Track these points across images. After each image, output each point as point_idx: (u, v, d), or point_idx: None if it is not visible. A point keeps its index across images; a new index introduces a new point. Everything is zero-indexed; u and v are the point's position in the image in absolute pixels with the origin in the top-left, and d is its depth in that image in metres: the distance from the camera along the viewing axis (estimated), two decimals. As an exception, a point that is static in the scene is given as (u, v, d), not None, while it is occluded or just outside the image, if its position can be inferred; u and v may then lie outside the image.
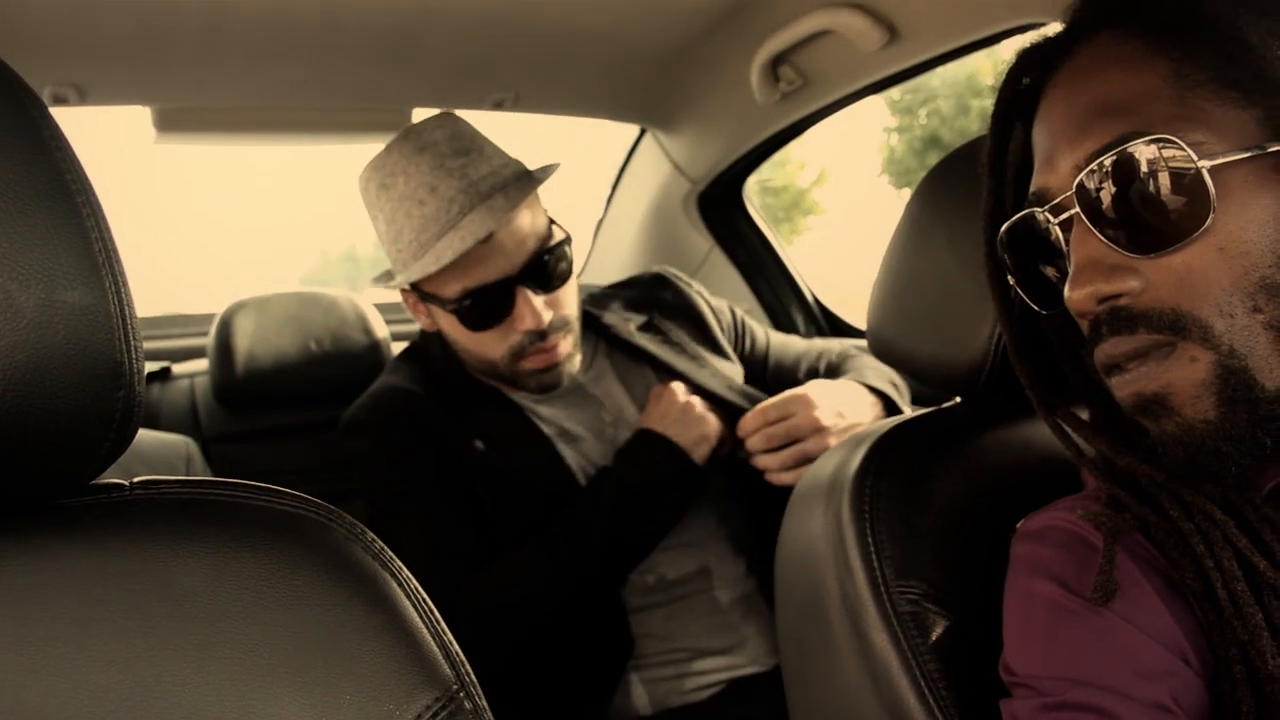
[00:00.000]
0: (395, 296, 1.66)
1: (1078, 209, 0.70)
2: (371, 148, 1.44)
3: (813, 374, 1.70)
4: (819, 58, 1.81)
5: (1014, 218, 0.78)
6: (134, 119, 2.03)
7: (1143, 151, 0.66)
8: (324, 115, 2.18)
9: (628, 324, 1.65)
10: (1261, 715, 0.66)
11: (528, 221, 1.41)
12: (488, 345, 1.46)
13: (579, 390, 1.60)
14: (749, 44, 1.86)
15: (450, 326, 1.48)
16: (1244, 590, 0.67)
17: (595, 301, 1.69)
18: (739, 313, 1.78)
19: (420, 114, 2.23)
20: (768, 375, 1.72)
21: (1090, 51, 0.73)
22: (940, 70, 1.84)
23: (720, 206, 2.52)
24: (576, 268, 1.53)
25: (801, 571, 0.98)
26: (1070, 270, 0.71)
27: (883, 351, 1.08)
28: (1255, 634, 0.66)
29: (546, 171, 1.46)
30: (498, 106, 2.22)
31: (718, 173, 2.38)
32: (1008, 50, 0.84)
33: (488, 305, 1.41)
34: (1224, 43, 0.67)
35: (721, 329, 1.72)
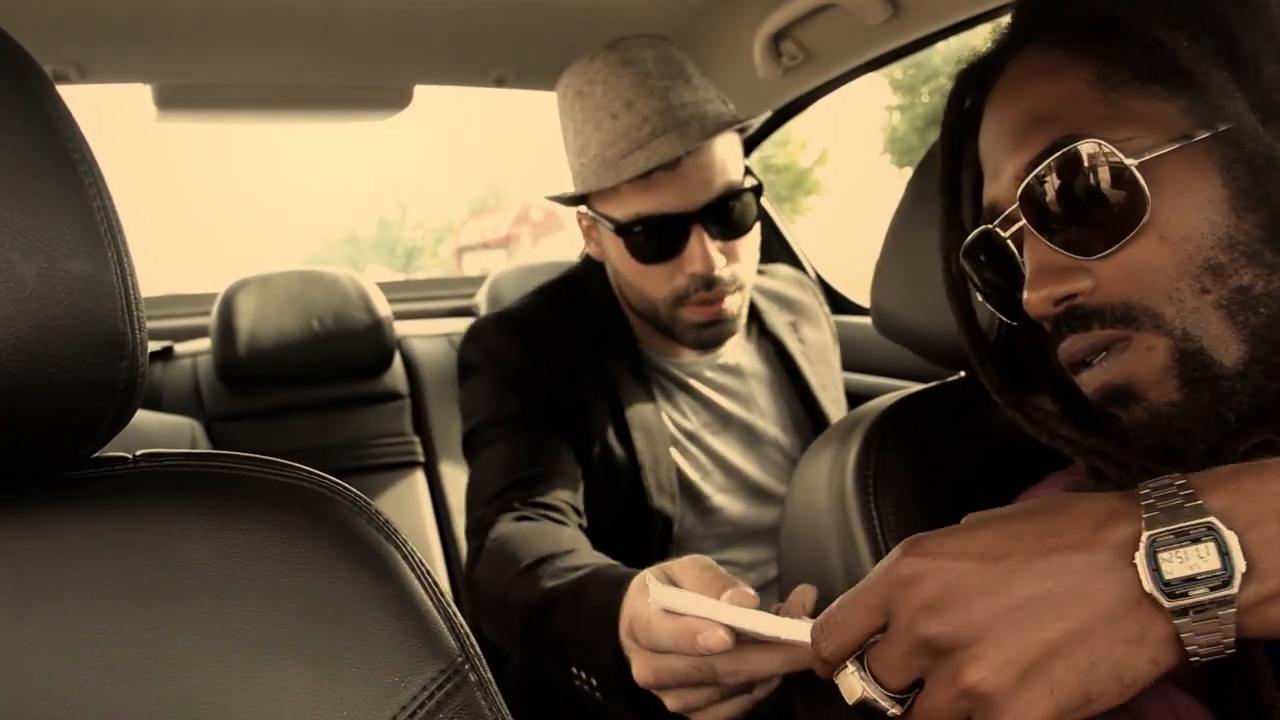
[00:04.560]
0: (398, 275, 1.65)
1: (1024, 220, 0.73)
2: (376, 125, 1.44)
3: None
4: (821, 32, 1.80)
5: (971, 234, 0.81)
6: (136, 98, 2.03)
7: (1074, 155, 0.69)
8: (325, 93, 2.17)
9: (778, 320, 1.59)
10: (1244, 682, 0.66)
11: (719, 159, 1.33)
12: (651, 283, 1.37)
13: (737, 370, 1.53)
14: (751, 18, 1.85)
15: (617, 254, 1.40)
16: None
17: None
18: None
19: (421, 91, 2.22)
20: None
21: (1018, 66, 0.77)
22: (942, 47, 1.83)
23: (723, 184, 2.50)
24: (577, 247, 1.49)
25: (805, 546, 0.98)
26: (1026, 276, 0.73)
27: (886, 327, 1.08)
28: None
29: (754, 119, 1.42)
30: (499, 83, 2.22)
31: (720, 150, 2.36)
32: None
33: (659, 237, 1.33)
34: (1136, 42, 0.69)
35: (834, 371, 1.68)
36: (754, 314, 1.59)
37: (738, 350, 1.55)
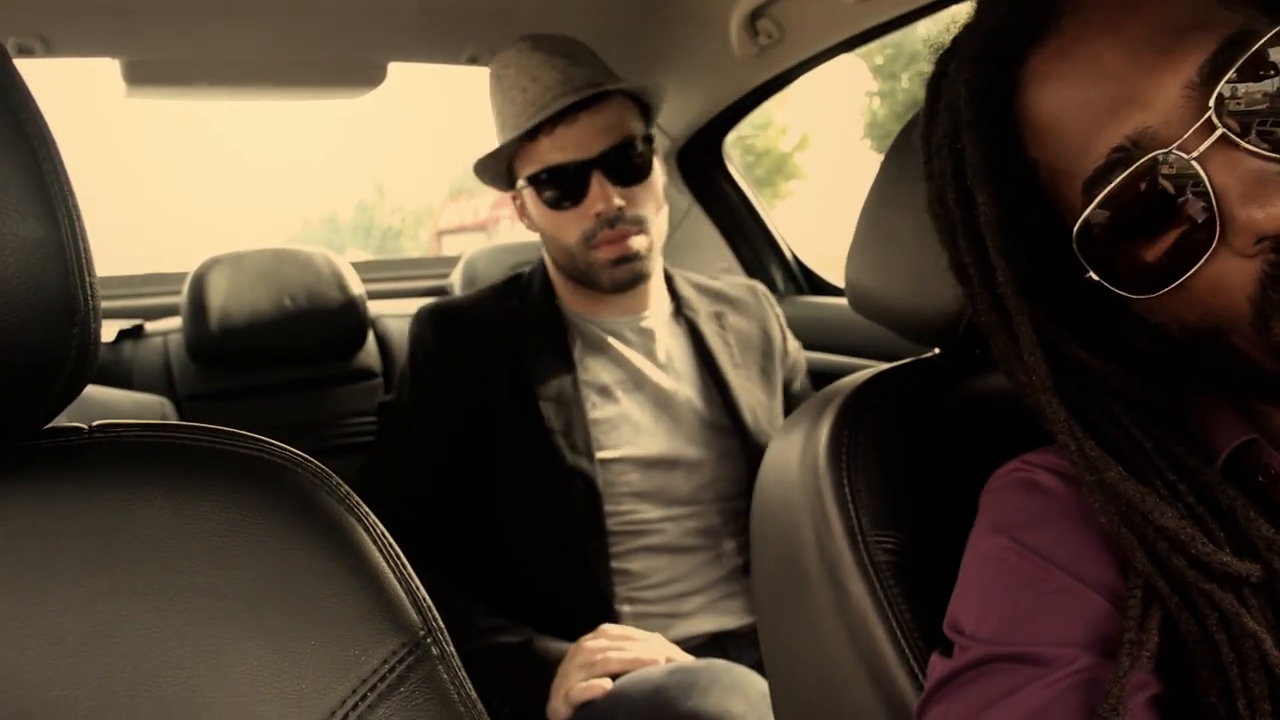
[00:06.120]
0: (373, 254, 1.69)
1: (1221, 129, 0.58)
2: (357, 108, 1.45)
3: None
4: (798, 10, 1.79)
5: (1117, 181, 0.63)
6: (110, 75, 2.00)
7: None
8: (297, 69, 2.15)
9: (702, 308, 1.73)
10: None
11: (615, 117, 1.56)
12: (565, 229, 1.58)
13: (655, 336, 1.66)
14: (728, -4, 1.84)
15: (537, 210, 1.61)
16: (1267, 710, 0.60)
17: (684, 277, 1.79)
18: (801, 357, 1.85)
19: (395, 69, 2.20)
20: None
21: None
22: (923, 31, 1.83)
23: (699, 163, 2.50)
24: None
25: (778, 521, 0.98)
26: (1237, 191, 0.58)
27: (861, 304, 1.07)
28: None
29: (645, 88, 1.60)
30: (473, 62, 2.20)
31: (696, 129, 2.36)
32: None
33: (565, 184, 1.56)
34: None
35: (783, 362, 1.78)
36: (676, 297, 1.74)
37: (658, 320, 1.69)
